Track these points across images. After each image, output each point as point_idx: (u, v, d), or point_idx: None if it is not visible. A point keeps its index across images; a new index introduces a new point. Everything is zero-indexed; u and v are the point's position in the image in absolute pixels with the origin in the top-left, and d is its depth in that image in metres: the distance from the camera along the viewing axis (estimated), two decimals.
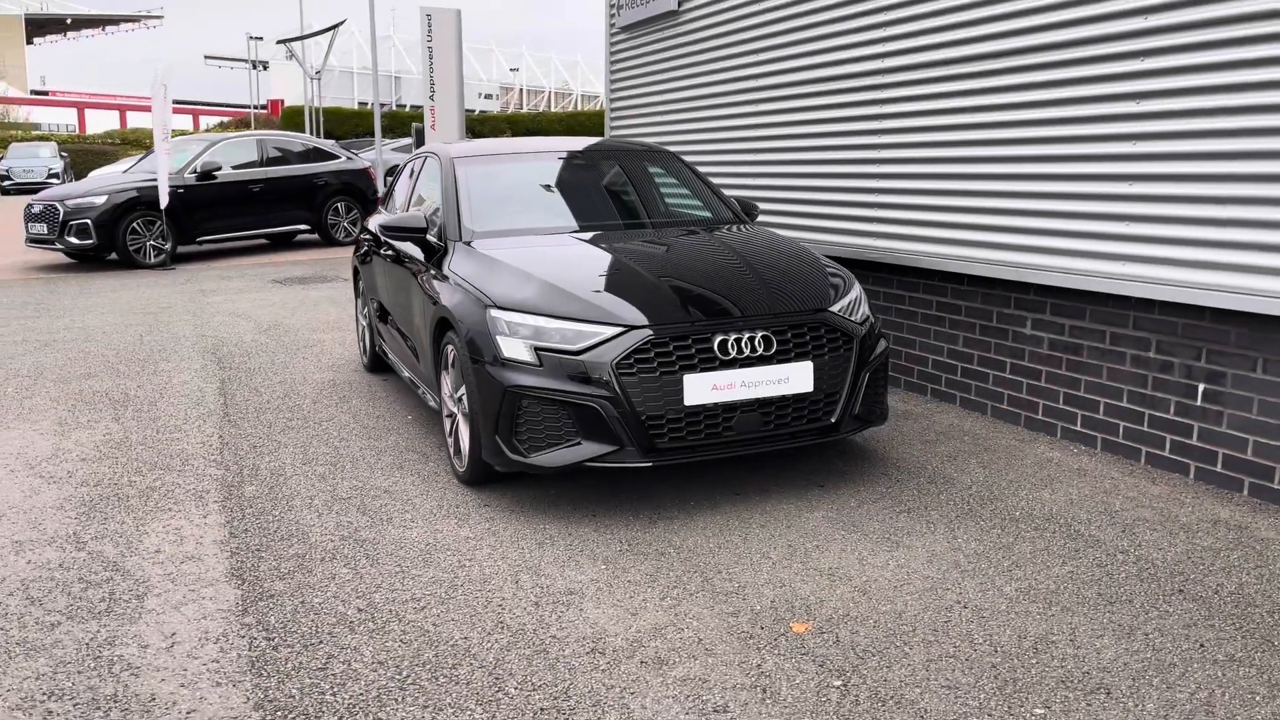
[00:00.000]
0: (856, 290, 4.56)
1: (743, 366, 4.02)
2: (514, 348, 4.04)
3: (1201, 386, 4.32)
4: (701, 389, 3.96)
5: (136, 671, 2.91)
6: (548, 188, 5.66)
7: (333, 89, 55.99)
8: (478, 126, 37.08)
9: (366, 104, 53.25)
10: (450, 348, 4.46)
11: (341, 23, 28.84)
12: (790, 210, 6.82)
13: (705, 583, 3.46)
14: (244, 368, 6.92)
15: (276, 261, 13.36)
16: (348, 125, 37.58)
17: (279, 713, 2.70)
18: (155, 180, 12.57)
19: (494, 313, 4.14)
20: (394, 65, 63.95)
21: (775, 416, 4.11)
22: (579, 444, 3.96)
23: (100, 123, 64.79)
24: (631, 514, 4.09)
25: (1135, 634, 3.07)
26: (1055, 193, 4.81)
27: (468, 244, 4.84)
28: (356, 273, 6.95)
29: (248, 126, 44.30)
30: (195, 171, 13.19)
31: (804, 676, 2.85)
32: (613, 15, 9.35)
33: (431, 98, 14.36)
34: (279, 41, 34.53)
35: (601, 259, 4.64)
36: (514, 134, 36.42)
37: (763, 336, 4.07)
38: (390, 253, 5.75)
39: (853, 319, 4.36)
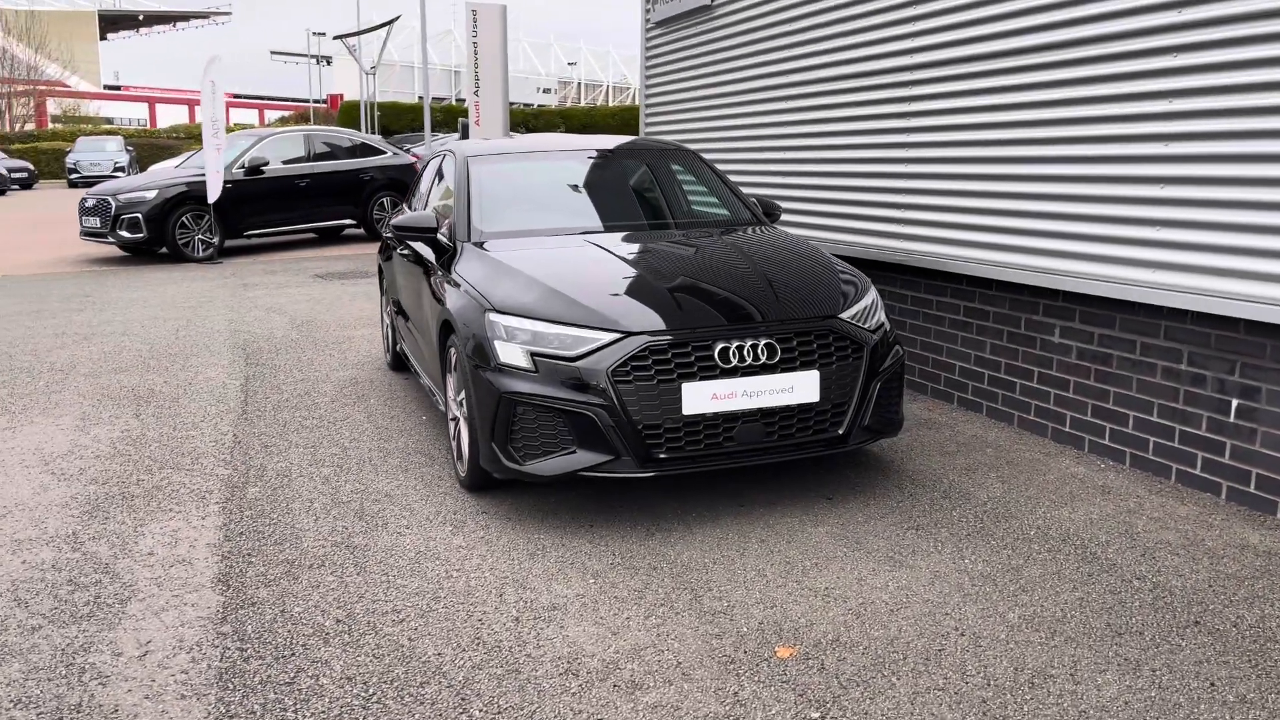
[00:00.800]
0: (870, 296, 4.39)
1: (744, 375, 3.89)
2: (511, 353, 3.96)
3: (1235, 402, 4.08)
4: (701, 398, 3.84)
5: (105, 680, 2.88)
6: (561, 188, 5.54)
7: (394, 83, 56.56)
8: (531, 121, 37.09)
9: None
10: (453, 350, 4.40)
11: (395, 19, 29.05)
12: (818, 210, 6.64)
13: (694, 601, 3.34)
14: (270, 364, 6.95)
15: (321, 256, 13.50)
16: (404, 119, 37.81)
17: None
18: (204, 175, 12.75)
19: (492, 316, 4.06)
20: (453, 59, 64.43)
21: (779, 427, 3.97)
22: (574, 453, 3.87)
23: (171, 117, 66.31)
24: (629, 525, 3.99)
25: (1141, 669, 2.88)
26: (1086, 195, 4.59)
27: (477, 245, 4.76)
28: (381, 270, 6.94)
29: (306, 121, 44.96)
30: (243, 166, 13.38)
31: (781, 706, 2.72)
32: (648, 10, 9.22)
33: (476, 93, 14.36)
34: (335, 37, 34.97)
35: (607, 262, 4.52)
36: (567, 128, 36.39)
37: (766, 344, 3.93)
38: (407, 252, 5.71)
39: (864, 326, 4.19)
